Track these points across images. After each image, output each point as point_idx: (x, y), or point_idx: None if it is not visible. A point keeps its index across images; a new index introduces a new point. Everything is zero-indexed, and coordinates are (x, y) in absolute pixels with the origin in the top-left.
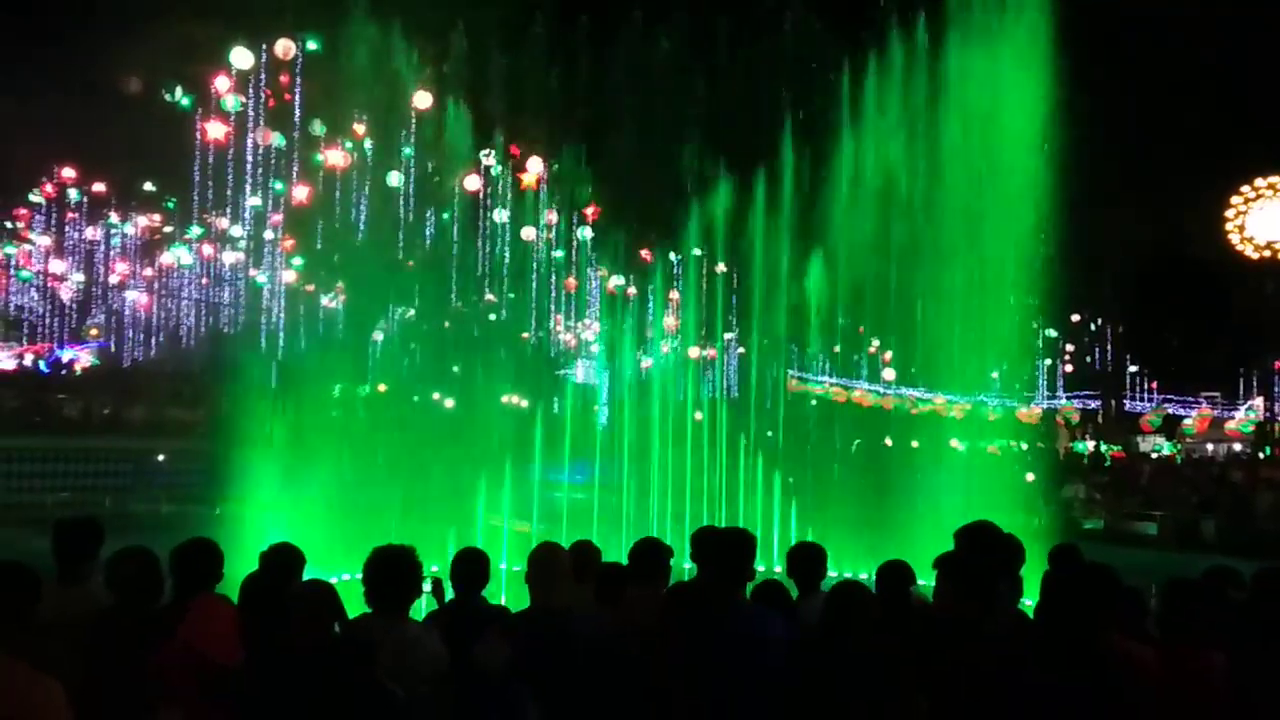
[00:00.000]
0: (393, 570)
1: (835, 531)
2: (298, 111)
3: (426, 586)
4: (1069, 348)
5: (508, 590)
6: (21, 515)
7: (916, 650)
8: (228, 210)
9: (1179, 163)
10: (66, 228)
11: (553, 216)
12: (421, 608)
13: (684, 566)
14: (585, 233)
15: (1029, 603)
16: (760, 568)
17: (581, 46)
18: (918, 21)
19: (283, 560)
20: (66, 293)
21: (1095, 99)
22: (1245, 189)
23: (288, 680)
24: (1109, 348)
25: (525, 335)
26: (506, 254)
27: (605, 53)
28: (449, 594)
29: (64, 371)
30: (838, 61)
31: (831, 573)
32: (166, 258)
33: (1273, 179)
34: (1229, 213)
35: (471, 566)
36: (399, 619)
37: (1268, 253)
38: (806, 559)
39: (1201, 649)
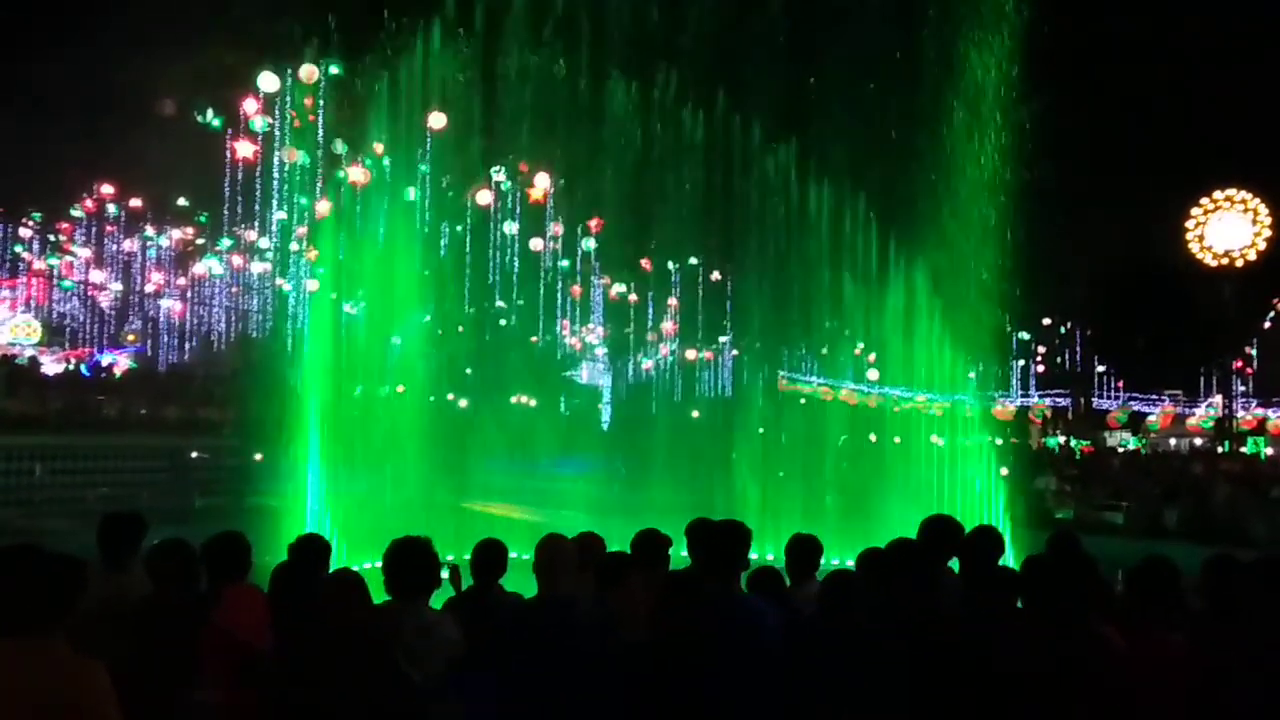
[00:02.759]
0: (410, 559)
1: (822, 520)
2: (320, 132)
3: (445, 574)
4: (1041, 349)
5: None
6: (66, 509)
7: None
8: (256, 223)
9: (1144, 177)
10: (105, 240)
11: (559, 228)
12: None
13: (681, 555)
14: (589, 243)
15: None
16: (753, 555)
17: (585, 73)
18: (900, 49)
19: (310, 550)
20: (106, 301)
21: (1066, 120)
22: (1204, 201)
23: (315, 664)
24: (1078, 349)
25: (534, 339)
26: (516, 263)
27: (608, 79)
28: (466, 582)
29: (104, 374)
30: (824, 84)
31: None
32: (199, 268)
33: (1229, 192)
34: (1189, 223)
35: (489, 556)
36: (417, 605)
37: (1225, 260)
38: (802, 549)
39: (1164, 631)
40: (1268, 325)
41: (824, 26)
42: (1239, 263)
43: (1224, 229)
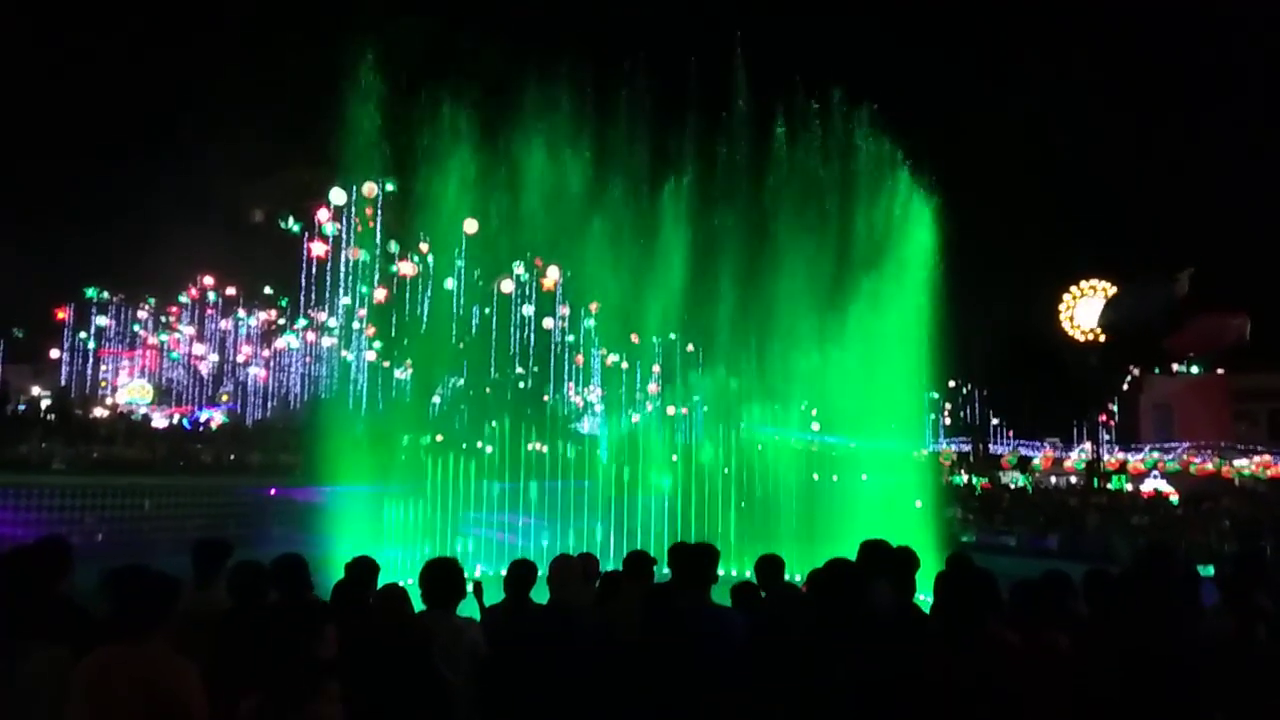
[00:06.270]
0: (441, 576)
1: (773, 542)
2: (378, 235)
3: (470, 588)
4: (947, 405)
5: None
6: (168, 535)
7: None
8: (325, 307)
9: (1028, 270)
10: (206, 320)
11: (565, 310)
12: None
13: (664, 572)
14: (590, 322)
15: (924, 598)
16: (720, 570)
17: (587, 184)
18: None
19: (363, 568)
20: (205, 368)
21: (965, 224)
22: (1073, 289)
23: (367, 662)
24: (977, 405)
25: (545, 397)
26: (532, 337)
27: (607, 188)
28: (486, 595)
29: (201, 427)
30: (776, 192)
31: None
32: (280, 342)
33: (1094, 281)
34: (1062, 306)
35: (521, 573)
36: (448, 613)
37: (1090, 335)
38: (769, 566)
39: (1050, 632)
40: (1125, 387)
41: (774, 158)
42: (1102, 337)
43: (1089, 310)
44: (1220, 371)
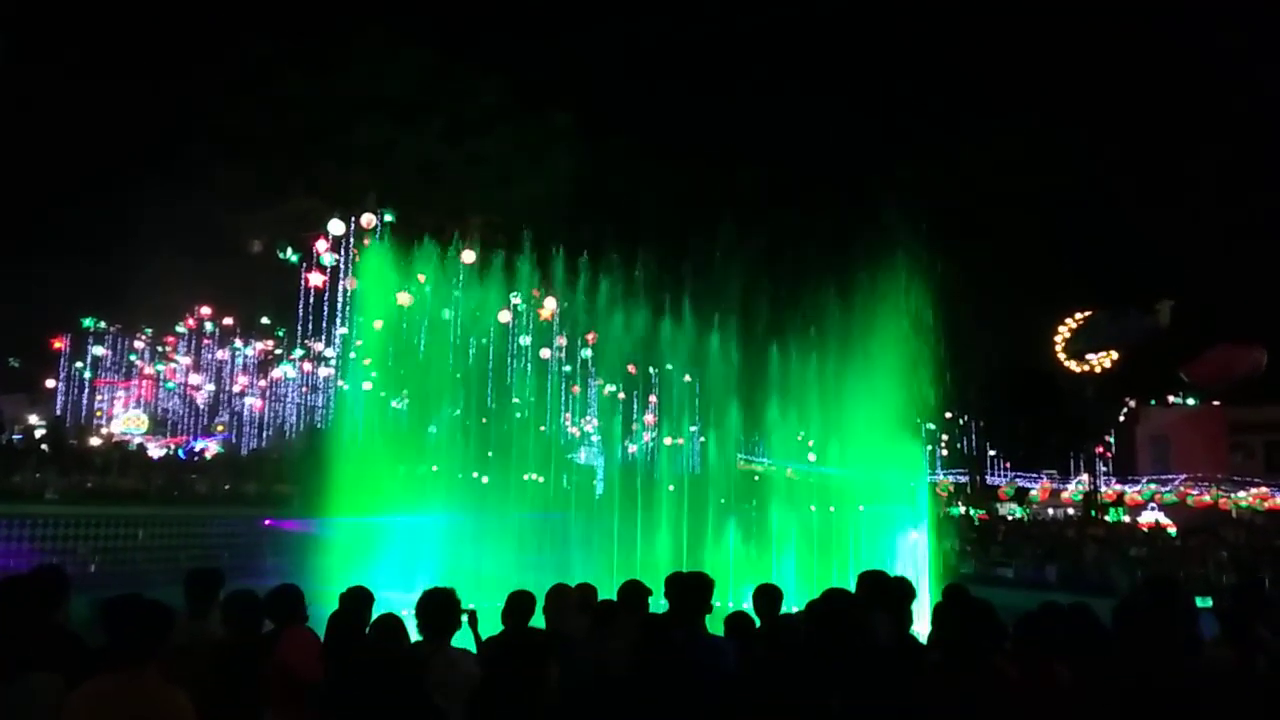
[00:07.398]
0: (437, 606)
1: (770, 573)
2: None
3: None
4: (944, 437)
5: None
6: (162, 566)
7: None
8: (323, 337)
9: (1024, 302)
10: (202, 350)
11: (563, 340)
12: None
13: (660, 602)
14: (587, 352)
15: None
16: (716, 602)
17: (584, 216)
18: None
19: (358, 599)
20: (201, 398)
21: (961, 259)
22: (1069, 320)
23: (362, 693)
24: (973, 437)
25: (542, 428)
26: (529, 368)
27: (604, 222)
28: (481, 626)
29: (196, 457)
30: (777, 237)
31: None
32: (276, 372)
33: (1087, 313)
34: (1057, 338)
35: (520, 604)
36: (443, 644)
37: (1086, 367)
38: (767, 595)
39: (1051, 662)
40: (1121, 419)
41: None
42: (1097, 369)
43: None
44: (1217, 404)
